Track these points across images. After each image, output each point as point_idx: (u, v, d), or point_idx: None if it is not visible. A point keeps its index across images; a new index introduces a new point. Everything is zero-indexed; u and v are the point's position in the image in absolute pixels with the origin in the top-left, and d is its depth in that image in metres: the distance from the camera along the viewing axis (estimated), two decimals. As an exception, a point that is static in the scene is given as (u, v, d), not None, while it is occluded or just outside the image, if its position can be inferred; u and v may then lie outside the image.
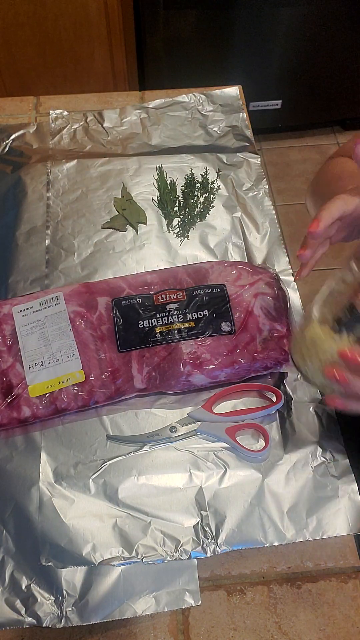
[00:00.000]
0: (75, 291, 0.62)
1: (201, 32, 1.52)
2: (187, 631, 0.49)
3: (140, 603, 0.49)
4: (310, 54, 1.64)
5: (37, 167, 0.79)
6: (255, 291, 0.61)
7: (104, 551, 0.50)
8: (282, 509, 0.53)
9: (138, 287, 0.62)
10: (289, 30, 1.55)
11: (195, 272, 0.63)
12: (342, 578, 0.51)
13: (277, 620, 0.50)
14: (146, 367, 0.58)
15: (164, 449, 0.57)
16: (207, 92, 0.89)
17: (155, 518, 0.52)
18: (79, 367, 0.57)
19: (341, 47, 1.63)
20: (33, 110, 0.89)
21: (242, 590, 0.51)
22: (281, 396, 0.58)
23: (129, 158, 0.81)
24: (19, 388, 0.57)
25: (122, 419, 0.58)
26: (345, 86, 1.78)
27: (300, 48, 1.61)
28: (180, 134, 0.84)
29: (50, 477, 0.55)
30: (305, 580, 0.51)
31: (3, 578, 0.50)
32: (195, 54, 1.58)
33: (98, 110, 0.87)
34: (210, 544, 0.51)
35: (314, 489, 0.54)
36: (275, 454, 0.56)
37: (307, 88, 1.77)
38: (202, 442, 0.57)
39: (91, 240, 0.72)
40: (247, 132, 0.84)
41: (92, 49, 1.53)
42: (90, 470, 0.55)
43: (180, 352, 0.58)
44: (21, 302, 0.61)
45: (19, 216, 0.74)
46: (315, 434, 0.57)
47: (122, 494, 0.54)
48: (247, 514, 0.52)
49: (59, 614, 0.48)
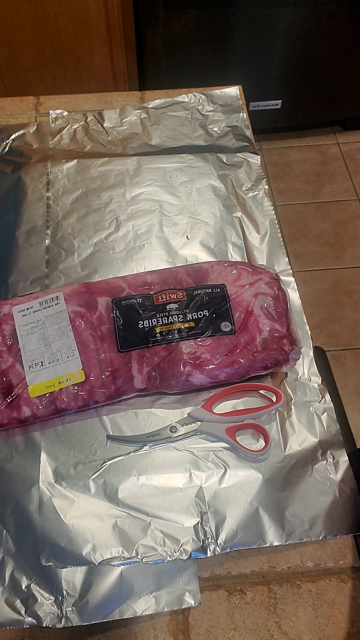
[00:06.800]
0: (75, 291, 0.62)
1: (201, 32, 1.52)
2: (187, 631, 0.49)
3: (140, 603, 0.49)
4: (310, 54, 1.64)
5: (37, 167, 0.80)
6: (255, 291, 0.61)
7: (104, 551, 0.50)
8: (282, 509, 0.53)
9: (138, 287, 0.62)
10: (288, 30, 1.55)
11: (195, 272, 0.63)
12: (342, 578, 0.51)
13: (277, 620, 0.50)
14: (146, 367, 0.58)
15: (164, 449, 0.57)
16: (207, 92, 0.89)
17: (155, 518, 0.52)
18: (79, 367, 0.57)
19: (341, 47, 1.63)
20: (33, 110, 0.89)
21: (242, 590, 0.51)
22: (281, 396, 0.58)
23: (129, 158, 0.81)
24: (19, 388, 0.57)
25: (122, 419, 0.58)
26: (345, 86, 1.78)
27: (300, 48, 1.61)
28: (180, 134, 0.84)
29: (50, 477, 0.55)
30: (305, 580, 0.51)
31: (3, 578, 0.50)
32: (195, 54, 1.58)
33: (98, 110, 0.87)
34: (210, 544, 0.51)
35: (314, 489, 0.54)
36: (275, 454, 0.56)
37: (307, 88, 1.77)
38: (202, 442, 0.57)
39: (91, 240, 0.72)
40: (247, 132, 0.84)
41: (92, 49, 1.53)
42: (90, 470, 0.55)
43: (180, 352, 0.58)
44: (21, 302, 0.61)
45: (19, 216, 0.74)
46: (315, 434, 0.57)
47: (122, 494, 0.54)
48: (247, 514, 0.52)
49: (59, 614, 0.48)
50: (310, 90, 1.78)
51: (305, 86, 1.76)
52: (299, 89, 1.76)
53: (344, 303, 1.59)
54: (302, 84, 1.74)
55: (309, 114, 1.89)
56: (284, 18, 1.51)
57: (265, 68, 1.67)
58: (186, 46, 1.55)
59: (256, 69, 1.66)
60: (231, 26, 1.51)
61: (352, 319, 1.56)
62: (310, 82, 1.74)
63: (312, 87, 1.77)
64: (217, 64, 1.62)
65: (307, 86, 1.76)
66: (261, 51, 1.61)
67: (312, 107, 1.86)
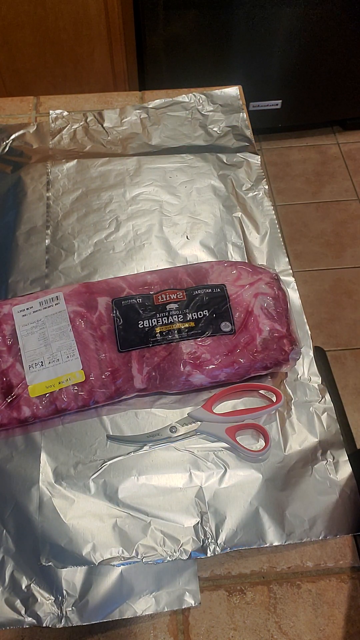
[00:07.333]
0: (75, 291, 0.62)
1: (201, 32, 1.52)
2: (187, 631, 0.49)
3: (140, 603, 0.49)
4: (310, 54, 1.64)
5: (37, 167, 0.80)
6: (255, 291, 0.61)
7: (104, 551, 0.50)
8: (282, 509, 0.53)
9: (138, 287, 0.62)
10: (289, 30, 1.55)
11: (195, 272, 0.63)
12: (342, 578, 0.51)
13: (277, 620, 0.50)
14: (146, 367, 0.58)
15: (164, 449, 0.57)
16: (207, 92, 0.89)
17: (155, 518, 0.52)
18: (79, 367, 0.57)
19: (341, 47, 1.63)
20: (33, 110, 0.89)
21: (242, 590, 0.51)
22: (281, 396, 0.58)
23: (129, 158, 0.81)
24: (19, 388, 0.57)
25: (122, 419, 0.58)
26: (345, 86, 1.78)
27: (300, 48, 1.61)
28: (180, 134, 0.84)
29: (50, 477, 0.55)
30: (305, 580, 0.51)
31: (3, 578, 0.50)
32: (195, 54, 1.58)
33: (98, 110, 0.87)
34: (210, 544, 0.51)
35: (314, 489, 0.54)
36: (275, 454, 0.56)
37: (307, 88, 1.77)
38: (202, 442, 0.57)
39: (91, 240, 0.72)
40: (247, 132, 0.84)
41: (92, 49, 1.53)
42: (90, 470, 0.55)
43: (180, 352, 0.58)
44: (21, 302, 0.61)
45: (19, 216, 0.74)
46: (315, 434, 0.57)
47: (122, 494, 0.54)
48: (247, 514, 0.52)
49: (59, 614, 0.48)
50: (310, 90, 1.78)
51: (305, 86, 1.76)
52: (299, 89, 1.76)
53: (344, 303, 1.59)
54: (302, 84, 1.74)
55: (309, 114, 1.89)
56: (284, 18, 1.51)
57: (265, 68, 1.67)
58: (186, 46, 1.55)
59: (256, 69, 1.66)
60: (231, 26, 1.51)
61: (352, 319, 1.56)
62: (310, 82, 1.74)
63: (312, 87, 1.77)
64: (217, 64, 1.62)
65: (307, 86, 1.76)
66: (261, 51, 1.61)
67: (312, 107, 1.86)
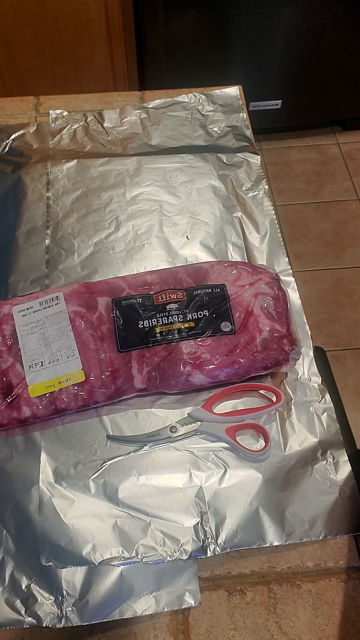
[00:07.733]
0: (75, 291, 0.62)
1: (201, 32, 1.52)
2: (187, 631, 0.49)
3: (140, 603, 0.49)
4: (310, 54, 1.64)
5: (37, 167, 0.80)
6: (255, 291, 0.61)
7: (104, 551, 0.50)
8: (282, 509, 0.53)
9: (138, 287, 0.62)
10: (289, 30, 1.55)
11: (195, 272, 0.63)
12: (342, 578, 0.51)
13: (277, 620, 0.50)
14: (146, 367, 0.58)
15: (164, 449, 0.57)
16: (207, 92, 0.89)
17: (155, 518, 0.52)
18: (79, 367, 0.57)
19: (341, 48, 1.63)
20: (33, 110, 0.89)
21: (242, 590, 0.51)
22: (281, 396, 0.58)
23: (129, 158, 0.81)
24: (19, 388, 0.57)
25: (122, 419, 0.58)
26: (345, 86, 1.78)
27: (300, 48, 1.61)
28: (180, 134, 0.84)
29: (50, 477, 0.55)
30: (305, 580, 0.51)
31: (3, 578, 0.50)
32: (195, 54, 1.58)
33: (98, 110, 0.87)
34: (210, 544, 0.51)
35: (314, 489, 0.54)
36: (275, 454, 0.56)
37: (307, 88, 1.77)
38: (202, 442, 0.57)
39: (91, 240, 0.72)
40: (247, 132, 0.84)
41: (92, 49, 1.53)
42: (90, 470, 0.55)
43: (180, 352, 0.58)
44: (21, 302, 0.61)
45: (19, 216, 0.74)
46: (315, 434, 0.57)
47: (122, 494, 0.54)
48: (247, 514, 0.52)
49: (59, 614, 0.48)
50: (310, 90, 1.78)
51: (305, 86, 1.76)
52: (299, 89, 1.76)
53: (344, 303, 1.59)
54: (302, 84, 1.74)
55: (309, 114, 1.89)
56: (284, 18, 1.51)
57: (265, 68, 1.67)
58: (186, 46, 1.55)
59: (256, 69, 1.66)
60: (231, 26, 1.51)
61: (352, 319, 1.56)
62: (310, 82, 1.74)
63: (312, 87, 1.77)
64: (217, 64, 1.62)
65: (307, 86, 1.76)
66: (261, 51, 1.61)
67: (312, 107, 1.86)
